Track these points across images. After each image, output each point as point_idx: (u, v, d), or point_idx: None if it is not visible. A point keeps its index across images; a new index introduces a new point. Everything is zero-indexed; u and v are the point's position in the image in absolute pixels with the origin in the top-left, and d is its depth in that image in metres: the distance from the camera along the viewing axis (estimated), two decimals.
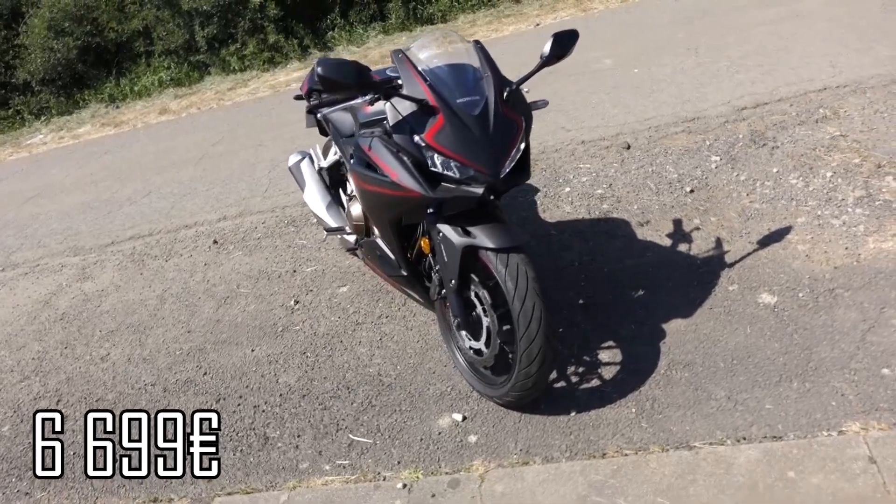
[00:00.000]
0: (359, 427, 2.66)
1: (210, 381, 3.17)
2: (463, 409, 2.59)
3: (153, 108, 8.58)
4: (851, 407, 2.15)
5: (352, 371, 2.97)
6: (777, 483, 1.98)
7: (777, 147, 3.64)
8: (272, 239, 4.33)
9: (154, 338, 3.63)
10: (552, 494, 2.15)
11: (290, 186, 4.99)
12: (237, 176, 5.49)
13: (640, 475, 2.12)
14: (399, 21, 8.50)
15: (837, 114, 3.76)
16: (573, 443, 2.31)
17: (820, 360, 2.34)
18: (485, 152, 2.20)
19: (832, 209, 3.06)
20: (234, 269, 4.10)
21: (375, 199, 2.54)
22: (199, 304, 3.82)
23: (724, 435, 2.18)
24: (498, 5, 8.30)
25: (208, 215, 4.93)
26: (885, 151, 3.33)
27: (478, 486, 2.25)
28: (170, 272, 4.28)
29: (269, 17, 8.77)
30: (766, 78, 4.38)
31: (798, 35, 4.86)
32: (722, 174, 3.57)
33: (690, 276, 2.91)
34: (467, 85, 2.28)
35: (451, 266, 2.37)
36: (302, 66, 8.39)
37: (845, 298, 2.56)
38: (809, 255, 2.83)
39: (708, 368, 2.45)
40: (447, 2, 8.48)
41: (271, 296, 3.72)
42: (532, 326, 2.20)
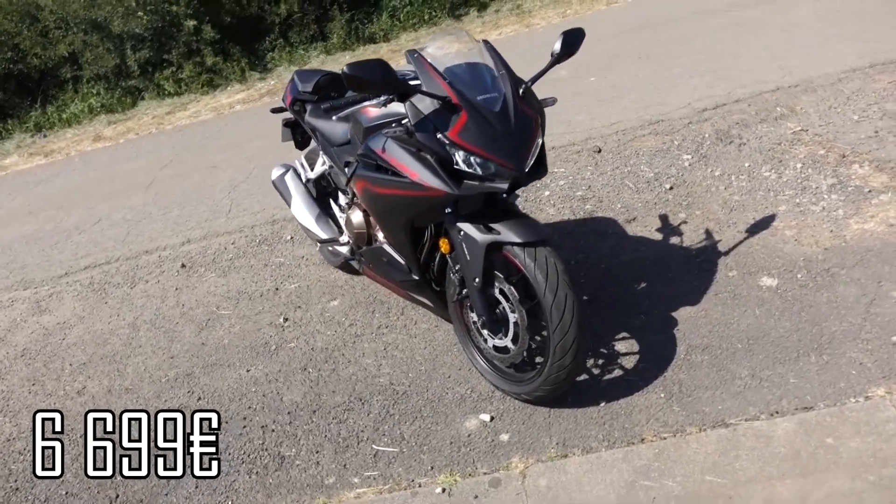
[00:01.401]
0: (380, 437, 2.60)
1: (207, 406, 3.02)
2: (488, 410, 2.57)
3: (86, 136, 8.21)
4: (871, 374, 2.26)
5: (361, 383, 2.90)
6: (818, 450, 2.06)
7: (744, 144, 3.82)
8: (246, 259, 4.20)
9: (134, 367, 3.44)
10: (599, 483, 2.15)
11: (255, 206, 4.88)
12: (195, 198, 5.31)
13: (683, 456, 2.16)
14: (340, 41, 8.47)
15: (794, 111, 3.99)
16: (609, 432, 2.33)
17: (831, 334, 2.45)
18: (508, 147, 2.22)
19: (809, 197, 3.23)
20: (210, 291, 3.95)
21: (389, 201, 2.50)
22: (177, 330, 3.66)
23: (757, 410, 2.25)
24: (439, 23, 8.40)
25: (170, 239, 4.74)
26: (846, 142, 3.54)
27: (520, 482, 2.23)
28: (138, 299, 4.08)
29: (204, 39, 8.58)
30: (721, 81, 4.60)
31: (742, 42, 5.14)
32: (696, 171, 3.71)
33: (688, 266, 3.00)
34: (484, 83, 2.30)
35: (474, 264, 2.36)
36: (244, 88, 8.23)
37: (842, 276, 2.69)
38: (798, 240, 2.97)
39: (726, 350, 2.52)
40: (388, 21, 8.51)
41: (257, 315, 3.60)
42: (566, 317, 2.21)
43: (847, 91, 4.02)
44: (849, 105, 3.88)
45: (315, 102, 3.30)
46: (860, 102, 3.86)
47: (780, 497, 1.96)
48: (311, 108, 3.27)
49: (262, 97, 7.82)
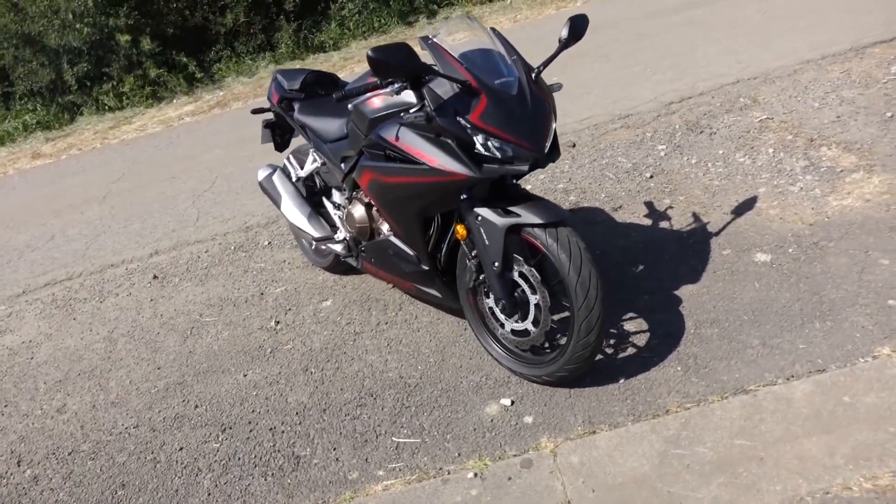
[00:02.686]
0: (399, 430, 2.57)
1: (206, 413, 2.93)
2: (507, 395, 2.57)
3: (23, 154, 7.84)
4: (874, 335, 2.37)
5: (370, 379, 2.86)
6: (837, 408, 2.15)
7: (714, 133, 3.97)
8: (223, 266, 4.09)
9: (117, 380, 3.30)
10: (631, 455, 2.18)
11: (225, 214, 4.77)
12: (157, 210, 5.14)
13: (709, 424, 2.22)
14: (289, 50, 8.38)
15: (757, 101, 4.17)
16: (633, 406, 2.37)
17: (831, 302, 2.57)
18: (528, 129, 2.25)
19: (785, 178, 3.38)
20: (189, 300, 3.83)
21: (402, 190, 2.49)
22: (160, 340, 3.53)
23: (773, 376, 2.33)
24: (389, 31, 8.41)
25: (136, 251, 4.58)
26: (811, 128, 3.73)
27: (552, 461, 2.24)
28: (110, 312, 3.91)
29: (144, 52, 8.34)
30: (683, 76, 4.77)
31: (697, 39, 5.34)
32: (673, 159, 3.84)
33: (682, 248, 3.09)
34: (499, 67, 2.32)
35: (493, 248, 2.37)
36: (191, 100, 8.03)
37: (831, 248, 2.83)
38: (783, 217, 3.10)
39: (733, 322, 2.61)
40: (338, 30, 8.47)
41: (244, 320, 3.51)
42: (591, 295, 2.25)
43: (804, 81, 4.24)
44: (808, 94, 4.08)
45: (303, 100, 3.26)
46: (818, 91, 4.08)
47: (810, 453, 2.03)
48: (299, 106, 3.23)
49: (212, 108, 7.65)
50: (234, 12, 8.39)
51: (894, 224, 2.86)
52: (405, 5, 8.56)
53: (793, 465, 2.01)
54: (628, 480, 2.11)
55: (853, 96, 3.92)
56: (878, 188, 3.10)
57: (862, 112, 3.74)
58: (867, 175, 3.21)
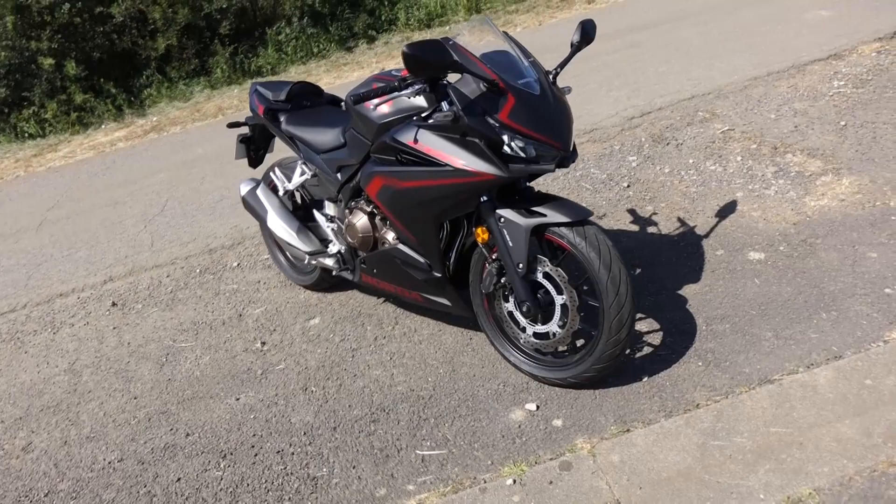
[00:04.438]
0: (421, 442, 2.47)
1: (201, 441, 2.74)
2: (530, 400, 2.53)
3: None
4: (880, 322, 2.49)
5: (378, 394, 2.76)
6: (862, 391, 2.22)
7: (681, 144, 4.12)
8: (191, 290, 3.88)
9: (89, 413, 3.05)
10: (671, 450, 2.18)
11: (183, 237, 4.54)
12: (104, 236, 4.84)
13: (742, 414, 2.25)
14: (225, 75, 8.16)
15: (715, 114, 4.37)
16: (662, 403, 2.38)
17: (831, 294, 2.68)
18: (554, 128, 2.25)
19: (759, 183, 3.53)
20: (158, 326, 3.60)
21: (419, 194, 2.43)
22: (131, 369, 3.29)
23: (793, 365, 2.39)
24: (329, 56, 8.34)
25: (87, 279, 4.28)
26: (773, 137, 3.93)
27: (592, 461, 2.21)
28: (67, 344, 3.63)
29: (69, 76, 7.92)
30: (638, 93, 4.94)
31: (644, 60, 5.55)
32: (646, 170, 3.95)
33: (676, 251, 3.16)
34: (519, 68, 2.32)
35: (517, 249, 2.34)
36: (122, 126, 7.67)
37: (819, 245, 2.96)
38: (766, 219, 3.23)
39: (743, 317, 2.67)
40: (275, 55, 8.33)
41: (225, 343, 3.33)
42: (622, 291, 2.25)
43: (755, 95, 4.47)
44: (762, 106, 4.31)
45: (290, 111, 3.16)
46: (771, 104, 4.31)
47: (847, 435, 2.09)
48: (286, 117, 3.13)
49: (147, 133, 7.33)
50: (166, 37, 8.11)
51: (873, 220, 3.03)
52: (344, 31, 8.53)
53: (834, 448, 2.06)
54: (674, 474, 2.10)
55: (805, 108, 4.16)
56: (850, 189, 3.28)
57: (817, 122, 3.97)
58: (836, 178, 3.39)
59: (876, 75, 4.34)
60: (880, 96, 4.08)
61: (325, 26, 8.50)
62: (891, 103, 3.98)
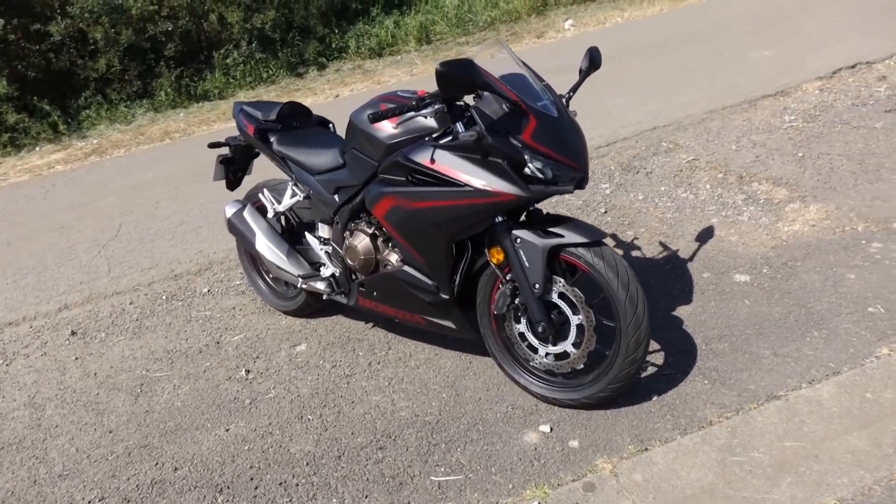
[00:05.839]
0: (434, 468, 2.42)
1: (192, 475, 2.59)
2: (542, 421, 2.52)
3: None
4: (869, 339, 2.62)
5: (381, 420, 2.69)
6: (864, 405, 2.32)
7: (650, 172, 4.26)
8: (159, 317, 3.70)
9: (59, 450, 2.84)
10: (692, 467, 2.21)
11: (143, 262, 4.34)
12: (52, 262, 4.56)
13: (754, 429, 2.30)
14: (169, 98, 7.92)
15: (679, 145, 4.55)
16: (676, 421, 2.41)
17: (819, 313, 2.81)
18: (573, 150, 2.30)
19: (732, 210, 3.69)
20: (127, 355, 3.41)
21: (433, 215, 2.41)
22: (102, 401, 3.10)
23: (796, 381, 2.48)
24: (279, 81, 8.23)
25: (38, 307, 4.01)
26: (737, 166, 4.12)
27: (615, 481, 2.21)
28: (24, 376, 3.38)
29: (0, 95, 7.52)
30: (600, 124, 5.09)
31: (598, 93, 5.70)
32: (621, 196, 4.06)
33: (663, 274, 3.24)
34: (535, 91, 2.36)
35: (533, 270, 2.35)
36: (60, 148, 7.30)
37: (799, 267, 3.10)
38: (745, 243, 3.37)
39: (739, 337, 2.76)
40: (223, 79, 8.16)
41: (205, 372, 3.18)
42: (639, 311, 2.29)
43: (714, 128, 4.69)
44: (722, 138, 4.52)
45: (280, 131, 3.09)
46: (730, 136, 4.52)
47: (858, 447, 2.17)
48: (277, 138, 3.06)
49: (88, 156, 7.00)
50: (107, 57, 7.81)
51: (846, 244, 3.20)
52: (295, 57, 8.45)
53: (848, 459, 2.14)
54: (698, 491, 2.13)
55: (763, 140, 4.39)
56: (818, 215, 3.46)
57: (776, 153, 4.19)
58: (804, 205, 3.58)
59: (822, 111, 4.63)
60: (830, 130, 4.35)
61: (275, 51, 8.40)
62: (841, 136, 4.25)
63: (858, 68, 5.15)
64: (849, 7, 6.48)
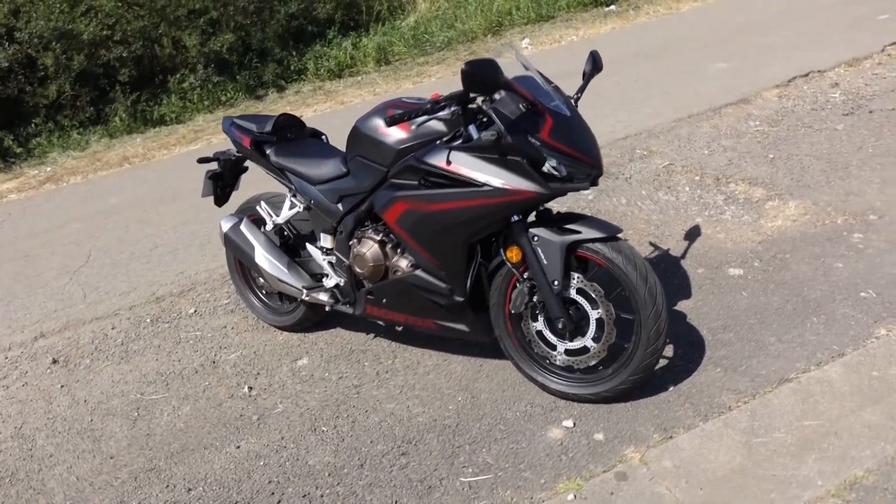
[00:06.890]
0: (462, 470, 2.41)
1: (207, 494, 2.51)
2: (564, 417, 2.54)
3: None
4: (866, 321, 2.74)
5: (399, 426, 2.66)
6: (872, 382, 2.42)
7: (629, 178, 4.38)
8: (145, 341, 3.58)
9: (58, 479, 2.72)
10: (719, 450, 2.26)
11: (120, 286, 4.21)
12: (21, 290, 4.37)
13: (773, 412, 2.37)
14: (124, 124, 7.73)
15: (652, 152, 4.69)
16: (696, 408, 2.46)
17: (815, 301, 2.92)
18: (589, 147, 2.36)
19: (713, 210, 3.82)
20: (117, 380, 3.29)
21: (451, 217, 2.42)
22: (97, 427, 2.98)
23: (804, 364, 2.57)
24: (238, 104, 8.14)
25: (13, 337, 3.84)
26: (712, 169, 4.27)
27: (646, 469, 2.24)
28: (6, 408, 3.23)
29: None
30: None
31: None
32: (603, 201, 4.15)
33: (659, 271, 3.31)
34: (546, 92, 2.41)
35: (552, 267, 2.39)
36: (11, 177, 7.04)
37: (789, 259, 3.23)
38: (732, 239, 3.48)
39: (743, 326, 2.84)
40: (180, 103, 8.01)
41: (205, 392, 3.10)
42: (659, 302, 2.34)
43: (684, 135, 4.85)
44: (693, 144, 4.68)
45: (276, 143, 3.07)
46: (700, 141, 4.69)
47: (874, 422, 2.26)
48: (274, 149, 3.03)
49: (43, 184, 6.76)
50: (58, 83, 7.59)
51: (829, 236, 3.35)
52: (253, 80, 8.37)
53: (867, 433, 2.22)
54: (729, 472, 2.17)
55: (732, 144, 4.57)
56: (798, 211, 3.62)
57: (747, 156, 4.36)
58: (782, 202, 3.73)
59: (784, 116, 4.85)
60: (795, 133, 4.56)
61: (233, 75, 8.31)
62: (806, 138, 4.46)
63: (811, 76, 5.42)
64: (793, 25, 6.82)
